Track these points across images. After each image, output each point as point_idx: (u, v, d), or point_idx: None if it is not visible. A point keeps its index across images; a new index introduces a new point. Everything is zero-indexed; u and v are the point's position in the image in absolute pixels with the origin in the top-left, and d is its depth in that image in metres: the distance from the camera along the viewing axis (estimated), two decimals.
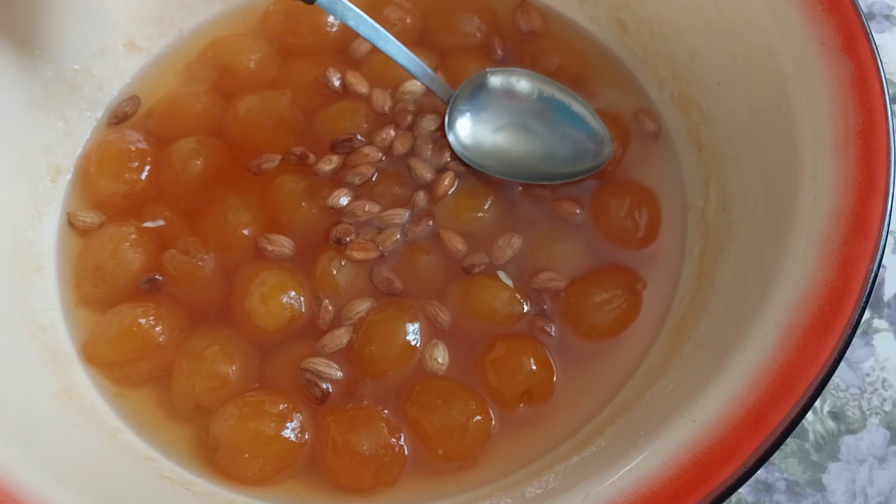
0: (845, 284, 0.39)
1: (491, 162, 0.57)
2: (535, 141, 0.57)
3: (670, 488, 0.36)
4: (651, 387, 0.47)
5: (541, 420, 0.50)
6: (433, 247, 0.55)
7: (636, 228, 0.55)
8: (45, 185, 0.57)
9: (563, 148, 0.57)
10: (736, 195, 0.51)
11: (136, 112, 0.61)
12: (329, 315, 0.52)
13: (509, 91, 0.58)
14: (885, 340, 0.59)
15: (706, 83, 0.55)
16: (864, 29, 0.44)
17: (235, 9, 0.65)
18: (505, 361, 0.51)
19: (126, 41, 0.62)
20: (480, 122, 0.58)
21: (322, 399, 0.50)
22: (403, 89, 0.60)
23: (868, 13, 0.70)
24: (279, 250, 0.54)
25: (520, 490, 0.45)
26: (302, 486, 0.49)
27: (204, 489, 0.48)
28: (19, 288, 0.53)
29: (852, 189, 0.41)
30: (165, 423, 0.51)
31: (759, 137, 0.49)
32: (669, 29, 0.57)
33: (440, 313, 0.52)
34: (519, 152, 0.57)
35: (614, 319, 0.53)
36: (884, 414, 0.57)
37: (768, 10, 0.48)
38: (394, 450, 0.48)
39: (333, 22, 0.63)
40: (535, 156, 0.57)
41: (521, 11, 0.63)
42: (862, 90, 0.43)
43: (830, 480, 0.55)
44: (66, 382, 0.50)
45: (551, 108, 0.58)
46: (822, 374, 0.37)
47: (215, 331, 0.53)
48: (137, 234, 0.55)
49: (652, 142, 0.59)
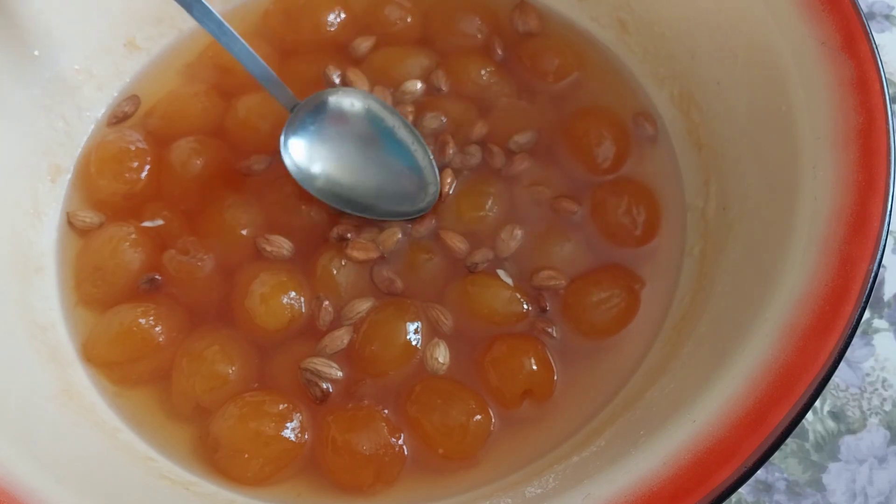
0: (845, 284, 0.39)
1: (322, 185, 0.55)
2: (366, 173, 0.56)
3: (670, 488, 0.36)
4: (651, 387, 0.47)
5: (541, 420, 0.50)
6: (434, 246, 0.55)
7: (634, 226, 0.55)
8: (45, 185, 0.57)
9: (391, 185, 0.55)
10: (736, 195, 0.51)
11: (136, 112, 0.61)
12: (329, 316, 0.52)
13: (345, 115, 0.56)
14: (885, 340, 0.59)
15: (706, 83, 0.55)
16: (864, 29, 0.44)
17: (235, 9, 0.65)
18: (505, 361, 0.51)
19: (126, 41, 0.62)
20: (316, 144, 0.56)
21: (322, 399, 0.50)
22: (404, 89, 0.60)
23: (868, 13, 0.70)
24: (277, 251, 0.54)
25: (520, 490, 0.45)
26: (302, 486, 0.49)
27: (204, 489, 0.48)
28: (19, 288, 0.53)
29: (852, 189, 0.41)
30: (165, 423, 0.51)
31: (759, 137, 0.49)
32: (669, 29, 0.57)
33: (442, 317, 0.52)
34: (349, 182, 0.55)
35: (612, 318, 0.53)
36: (884, 414, 0.57)
37: (768, 10, 0.48)
38: (394, 449, 0.48)
39: (333, 21, 0.63)
40: (365, 188, 0.55)
41: (520, 12, 0.63)
42: (862, 90, 0.43)
43: (830, 480, 0.55)
44: (66, 382, 0.50)
45: (386, 141, 0.56)
46: (822, 374, 0.37)
47: (215, 331, 0.53)
48: (137, 234, 0.55)
49: (650, 145, 0.59)
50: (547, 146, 0.58)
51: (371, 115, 0.56)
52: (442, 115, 0.58)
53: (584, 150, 0.58)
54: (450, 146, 0.57)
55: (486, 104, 0.60)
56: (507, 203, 0.56)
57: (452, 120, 0.59)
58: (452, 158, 0.57)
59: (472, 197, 0.56)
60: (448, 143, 0.57)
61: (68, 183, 0.59)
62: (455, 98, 0.60)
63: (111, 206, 0.58)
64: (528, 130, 0.58)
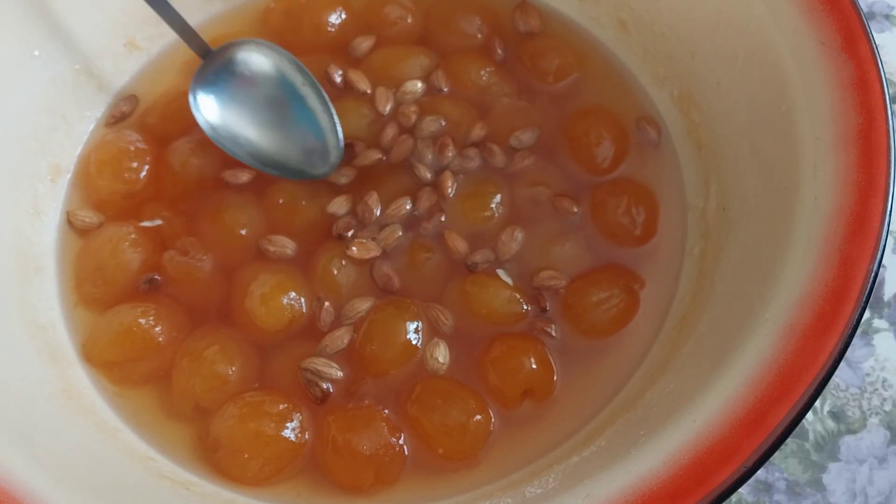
0: (845, 284, 0.39)
1: (227, 139, 0.55)
2: (273, 131, 0.56)
3: (670, 488, 0.36)
4: (651, 387, 0.47)
5: (541, 420, 0.50)
6: (435, 245, 0.55)
7: (634, 226, 0.55)
8: (45, 185, 0.57)
9: (296, 145, 0.56)
10: (736, 195, 0.51)
11: (134, 111, 0.61)
12: (330, 317, 0.52)
13: (254, 73, 0.56)
14: (885, 340, 0.59)
15: (706, 83, 0.55)
16: (864, 29, 0.44)
17: (235, 8, 0.65)
18: (505, 361, 0.51)
19: (126, 41, 0.62)
20: (225, 98, 0.56)
21: (322, 399, 0.50)
22: (405, 89, 0.60)
23: (868, 13, 0.70)
24: (281, 251, 0.54)
25: (520, 490, 0.45)
26: (302, 486, 0.49)
27: (204, 489, 0.48)
28: (19, 288, 0.53)
29: (852, 189, 0.41)
30: (165, 423, 0.51)
31: (759, 137, 0.49)
32: (669, 29, 0.57)
33: (442, 317, 0.52)
34: (255, 138, 0.56)
35: (612, 318, 0.53)
36: (884, 414, 0.57)
37: (768, 10, 0.48)
38: (394, 449, 0.48)
39: (335, 21, 0.63)
40: (270, 146, 0.56)
41: (521, 12, 0.63)
42: (862, 90, 0.43)
43: (830, 480, 0.55)
44: (66, 382, 0.50)
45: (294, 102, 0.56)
46: (822, 374, 0.37)
47: (215, 331, 0.53)
48: (137, 234, 0.55)
49: (652, 148, 0.59)
50: (547, 146, 0.58)
51: (280, 75, 0.56)
52: (441, 118, 0.58)
53: (583, 150, 0.58)
54: (449, 149, 0.57)
55: (486, 104, 0.60)
56: (509, 203, 0.56)
57: (452, 121, 0.59)
58: (452, 161, 0.57)
59: (475, 198, 0.56)
60: (448, 146, 0.57)
61: (68, 183, 0.59)
62: (455, 99, 0.60)
63: (111, 206, 0.58)
64: (530, 128, 0.58)
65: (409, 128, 0.58)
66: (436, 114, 0.58)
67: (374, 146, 0.58)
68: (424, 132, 0.58)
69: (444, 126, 0.58)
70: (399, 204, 0.55)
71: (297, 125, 0.56)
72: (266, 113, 0.57)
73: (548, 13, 0.64)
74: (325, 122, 0.56)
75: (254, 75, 0.56)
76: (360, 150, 0.57)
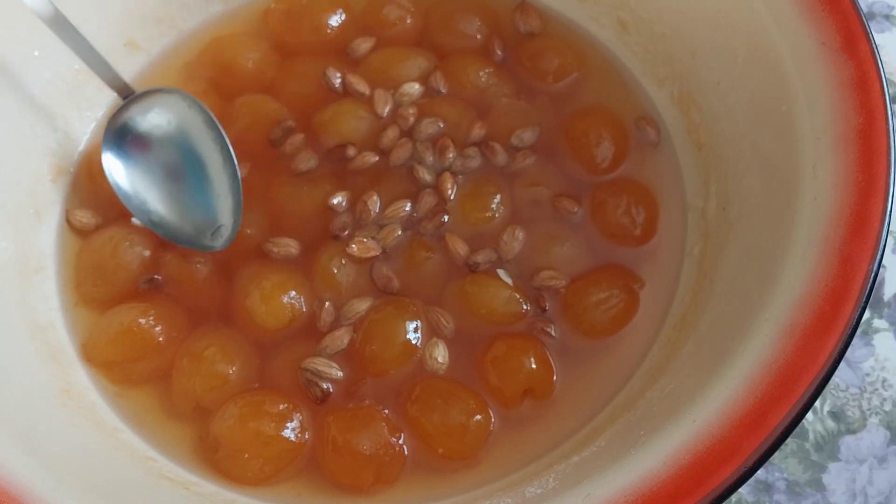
0: (845, 284, 0.39)
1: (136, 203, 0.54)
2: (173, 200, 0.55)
3: (670, 488, 0.36)
4: (651, 387, 0.47)
5: (541, 420, 0.50)
6: (435, 245, 0.55)
7: (634, 226, 0.55)
8: (45, 185, 0.57)
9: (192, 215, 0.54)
10: (736, 195, 0.51)
11: None
12: (330, 317, 0.52)
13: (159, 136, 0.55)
14: (885, 340, 0.59)
15: (706, 83, 0.55)
16: (864, 29, 0.44)
17: (235, 9, 0.65)
18: (505, 360, 0.51)
19: (126, 41, 0.62)
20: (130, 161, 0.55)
21: (322, 399, 0.50)
22: (403, 91, 0.59)
23: (868, 13, 0.70)
24: (285, 251, 0.54)
25: (520, 490, 0.45)
26: (302, 486, 0.49)
27: (204, 489, 0.48)
28: (19, 288, 0.53)
29: (852, 189, 0.41)
30: (165, 423, 0.51)
31: (759, 137, 0.49)
32: (669, 29, 0.57)
33: (443, 320, 0.52)
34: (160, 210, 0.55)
35: (612, 318, 0.53)
36: (884, 414, 0.57)
37: (768, 10, 0.48)
38: (394, 449, 0.48)
39: (335, 23, 0.63)
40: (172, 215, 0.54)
41: (521, 12, 0.63)
42: (862, 90, 0.43)
43: (830, 480, 0.55)
44: (66, 382, 0.50)
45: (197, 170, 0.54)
46: (822, 374, 0.37)
47: (215, 330, 0.53)
48: (137, 234, 0.55)
49: (651, 148, 0.59)
50: (547, 146, 0.58)
51: (183, 137, 0.54)
52: (440, 121, 0.58)
53: (583, 150, 0.58)
54: (450, 150, 0.57)
55: (485, 105, 0.60)
56: (510, 203, 0.56)
57: (450, 123, 0.58)
58: (453, 162, 0.57)
59: (476, 198, 0.56)
60: (448, 148, 0.57)
61: (68, 183, 0.59)
62: (453, 100, 0.60)
63: (111, 206, 0.57)
64: (531, 126, 0.58)
65: (407, 130, 0.58)
66: (434, 116, 0.58)
67: (372, 148, 0.57)
68: (423, 134, 0.58)
69: (443, 128, 0.58)
70: (398, 206, 0.55)
71: (194, 192, 0.54)
72: (163, 175, 0.55)
73: (548, 13, 0.64)
74: (221, 190, 0.53)
75: (153, 136, 0.55)
76: (352, 154, 0.57)
